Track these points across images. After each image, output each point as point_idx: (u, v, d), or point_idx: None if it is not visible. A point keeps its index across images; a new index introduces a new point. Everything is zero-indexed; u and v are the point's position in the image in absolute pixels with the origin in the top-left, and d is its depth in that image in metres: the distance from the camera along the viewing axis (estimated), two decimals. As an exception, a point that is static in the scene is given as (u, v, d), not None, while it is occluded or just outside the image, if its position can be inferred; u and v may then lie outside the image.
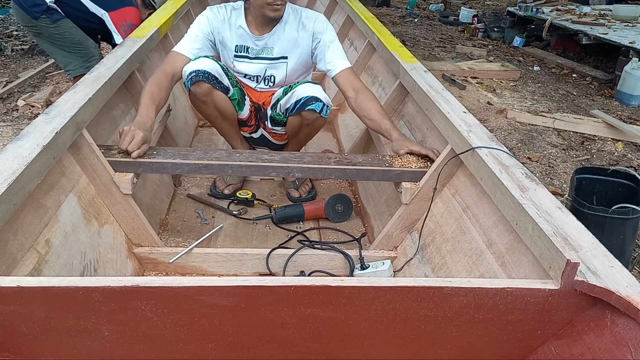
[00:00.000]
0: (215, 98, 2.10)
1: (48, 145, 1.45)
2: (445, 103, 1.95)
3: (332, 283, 1.09)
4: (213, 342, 1.17)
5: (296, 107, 2.08)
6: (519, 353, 1.21)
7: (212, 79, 2.04)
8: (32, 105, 3.78)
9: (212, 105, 2.12)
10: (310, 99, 2.06)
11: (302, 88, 2.09)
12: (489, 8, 8.91)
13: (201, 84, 2.03)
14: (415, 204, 1.88)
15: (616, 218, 2.17)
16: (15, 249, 1.32)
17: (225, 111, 2.18)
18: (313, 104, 2.05)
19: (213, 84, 2.05)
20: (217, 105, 2.13)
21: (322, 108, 2.07)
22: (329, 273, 1.95)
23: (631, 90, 4.49)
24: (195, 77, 2.02)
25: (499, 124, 4.00)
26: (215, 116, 2.19)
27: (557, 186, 3.11)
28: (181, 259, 1.88)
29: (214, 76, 2.05)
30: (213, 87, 2.05)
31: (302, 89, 2.09)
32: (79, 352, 1.14)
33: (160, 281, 1.07)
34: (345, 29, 3.86)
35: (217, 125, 2.28)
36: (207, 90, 2.05)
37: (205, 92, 2.05)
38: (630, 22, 5.83)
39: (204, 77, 2.02)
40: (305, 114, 2.08)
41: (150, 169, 1.82)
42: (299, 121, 2.14)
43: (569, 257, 1.11)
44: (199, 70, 2.02)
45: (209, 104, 2.11)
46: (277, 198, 2.42)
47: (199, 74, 2.02)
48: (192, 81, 2.02)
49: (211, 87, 2.05)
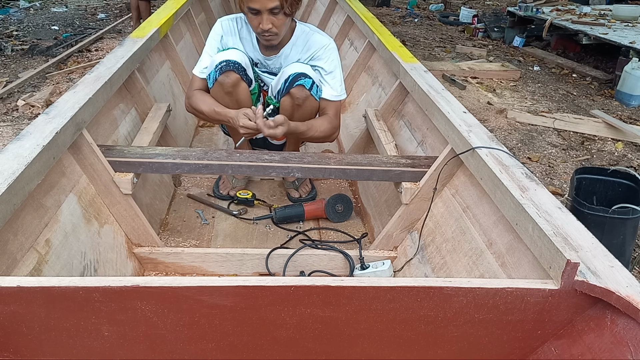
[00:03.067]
0: (241, 89, 2.06)
1: (48, 145, 1.45)
2: (445, 103, 1.95)
3: (332, 283, 1.09)
4: (213, 342, 1.17)
5: (285, 86, 2.05)
6: (519, 353, 1.21)
7: (241, 70, 2.03)
8: (32, 105, 3.78)
9: (235, 97, 2.08)
10: (298, 75, 2.03)
11: (290, 67, 2.07)
12: (489, 8, 8.91)
13: (231, 74, 2.00)
14: (415, 204, 1.88)
15: (616, 218, 2.17)
16: (15, 249, 1.32)
17: (244, 105, 2.12)
18: (301, 80, 2.02)
19: (242, 75, 2.03)
20: (239, 98, 2.09)
21: (311, 85, 2.03)
22: (329, 273, 1.95)
23: (631, 90, 4.49)
24: (226, 66, 1.99)
25: (499, 124, 4.00)
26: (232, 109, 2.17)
27: (557, 186, 3.11)
28: (181, 259, 1.88)
29: (242, 67, 2.03)
30: (241, 78, 2.03)
31: (289, 67, 2.07)
32: (79, 352, 1.14)
33: (160, 281, 1.07)
34: (345, 29, 3.86)
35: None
36: (235, 81, 2.02)
37: (234, 82, 2.02)
38: (630, 22, 5.83)
39: (235, 67, 2.00)
40: (294, 90, 2.03)
41: (150, 169, 1.82)
42: (290, 102, 2.08)
43: (569, 257, 1.11)
44: (229, 60, 2.00)
45: (233, 95, 2.07)
46: (277, 198, 2.42)
47: (230, 64, 1.99)
48: (222, 70, 1.99)
49: (239, 78, 2.02)
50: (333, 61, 2.13)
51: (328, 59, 2.12)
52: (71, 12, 7.07)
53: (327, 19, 4.50)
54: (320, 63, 2.11)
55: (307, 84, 2.03)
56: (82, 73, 4.36)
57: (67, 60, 4.91)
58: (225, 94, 2.07)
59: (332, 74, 2.13)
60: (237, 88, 2.05)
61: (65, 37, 5.68)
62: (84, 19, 6.70)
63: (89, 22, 6.53)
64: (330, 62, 2.12)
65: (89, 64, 4.73)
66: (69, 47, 5.27)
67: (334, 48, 2.14)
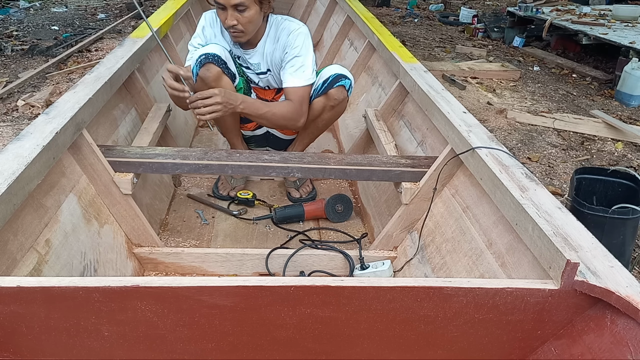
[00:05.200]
0: (224, 84, 2.05)
1: (48, 145, 1.45)
2: (445, 103, 1.95)
3: (332, 283, 1.09)
4: (213, 342, 1.17)
5: (324, 86, 2.09)
6: (519, 353, 1.21)
7: (222, 62, 2.02)
8: (32, 105, 3.78)
9: None
10: (339, 77, 2.08)
11: (328, 69, 2.13)
12: (489, 8, 8.91)
13: (211, 67, 1.99)
14: (415, 204, 1.88)
15: (616, 218, 2.17)
16: (15, 249, 1.32)
17: None
18: (342, 81, 2.08)
19: (223, 68, 2.03)
20: None
21: (349, 86, 2.12)
22: (329, 273, 1.95)
23: (631, 91, 4.49)
24: (205, 59, 1.99)
25: (499, 124, 4.00)
26: None
27: (557, 186, 3.11)
28: (181, 259, 1.88)
29: (223, 60, 2.03)
30: (222, 71, 2.03)
31: (328, 69, 2.12)
32: (79, 352, 1.14)
33: (160, 281, 1.07)
34: (345, 29, 3.86)
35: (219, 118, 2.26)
36: (216, 74, 2.01)
37: (215, 76, 2.01)
38: (630, 22, 5.83)
39: (214, 60, 2.00)
40: (334, 92, 2.08)
41: (150, 169, 1.82)
42: (323, 103, 2.12)
43: (569, 257, 1.11)
44: (208, 53, 2.00)
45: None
46: (277, 198, 2.42)
47: (209, 57, 1.99)
48: (202, 63, 1.99)
49: (221, 72, 2.02)
50: (300, 46, 2.08)
51: (294, 43, 2.08)
52: (71, 12, 7.07)
53: (327, 19, 4.50)
54: (289, 49, 2.09)
55: (346, 85, 2.09)
56: (82, 73, 4.36)
57: (67, 60, 4.91)
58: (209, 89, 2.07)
59: (298, 58, 2.08)
60: (219, 82, 2.03)
61: (65, 37, 5.68)
62: (84, 19, 6.70)
63: (89, 22, 6.52)
64: (298, 46, 2.08)
65: (89, 64, 4.72)
66: (69, 47, 5.27)
67: (302, 33, 2.10)
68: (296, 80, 2.08)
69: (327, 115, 2.18)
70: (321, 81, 2.11)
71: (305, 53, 2.09)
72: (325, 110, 2.15)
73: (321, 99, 2.11)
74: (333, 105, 2.12)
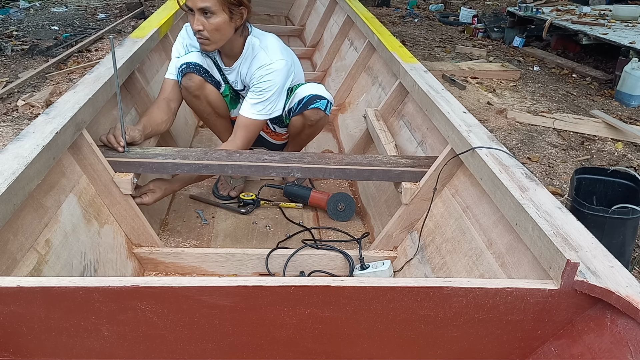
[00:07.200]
0: (208, 92, 2.07)
1: (48, 145, 1.45)
2: (445, 103, 1.95)
3: (332, 283, 1.09)
4: (213, 342, 1.17)
5: (299, 107, 2.10)
6: (519, 353, 1.21)
7: (203, 71, 2.03)
8: (32, 105, 3.78)
9: (205, 100, 2.11)
10: (314, 97, 2.08)
11: (304, 88, 2.12)
12: (489, 8, 8.91)
13: (192, 76, 2.01)
14: (415, 204, 1.89)
15: (616, 218, 2.18)
16: (15, 249, 1.32)
17: (218, 106, 2.17)
18: (317, 102, 2.08)
19: (205, 77, 2.04)
20: (209, 100, 2.11)
21: (326, 105, 2.10)
22: (329, 273, 1.95)
23: (631, 91, 4.49)
24: (186, 68, 2.01)
25: (499, 124, 4.00)
26: (209, 112, 2.18)
27: (557, 186, 3.11)
28: (181, 259, 1.88)
29: (205, 69, 2.04)
30: (205, 80, 2.04)
31: (304, 89, 2.11)
32: (79, 352, 1.14)
33: (160, 281, 1.07)
34: (345, 29, 3.86)
35: (211, 122, 2.27)
36: (199, 84, 2.03)
37: (197, 85, 2.03)
38: (630, 22, 5.83)
39: (195, 69, 2.01)
40: (309, 113, 2.09)
41: (150, 169, 1.82)
42: (302, 122, 2.15)
43: (569, 257, 1.11)
44: (189, 62, 2.01)
45: (201, 98, 2.09)
46: (277, 198, 2.42)
47: (190, 66, 2.01)
48: (183, 73, 2.01)
49: (203, 80, 2.04)
50: (266, 82, 1.99)
51: (263, 78, 1.99)
52: (71, 12, 7.07)
53: (327, 19, 4.50)
54: (254, 80, 2.01)
55: (322, 106, 2.09)
56: (82, 73, 4.36)
57: (67, 60, 4.91)
58: (194, 98, 2.09)
59: (260, 93, 2.01)
60: (203, 91, 2.06)
61: (65, 37, 5.68)
62: (84, 19, 6.70)
63: (88, 22, 6.52)
64: (263, 82, 1.99)
65: (89, 64, 4.72)
66: (69, 47, 5.27)
67: (273, 70, 1.98)
68: (250, 112, 2.03)
69: (308, 131, 2.23)
70: (296, 100, 2.12)
71: (270, 90, 2.00)
72: (305, 127, 2.19)
73: (299, 118, 2.15)
74: (310, 124, 2.15)
